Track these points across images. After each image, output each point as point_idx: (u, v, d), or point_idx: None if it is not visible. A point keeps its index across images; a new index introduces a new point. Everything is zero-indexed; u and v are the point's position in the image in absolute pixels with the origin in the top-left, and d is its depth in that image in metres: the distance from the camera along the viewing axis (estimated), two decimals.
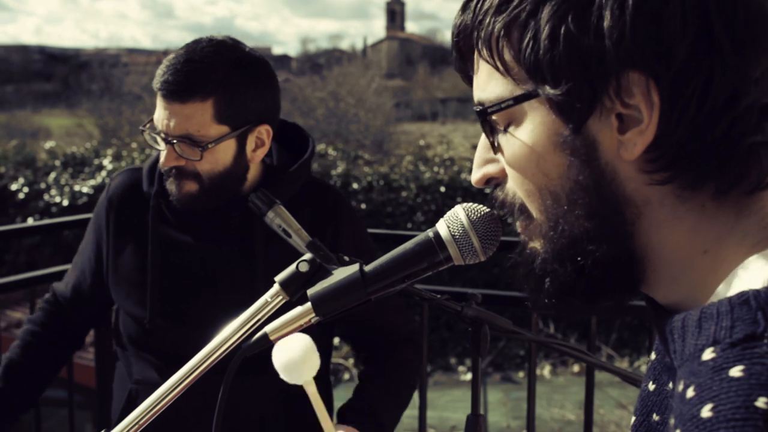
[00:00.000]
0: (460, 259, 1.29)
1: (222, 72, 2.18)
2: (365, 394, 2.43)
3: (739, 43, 0.85)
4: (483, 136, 1.06)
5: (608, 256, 0.94)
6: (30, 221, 13.40)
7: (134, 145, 17.80)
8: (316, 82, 43.15)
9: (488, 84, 1.00)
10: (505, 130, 0.99)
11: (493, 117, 0.99)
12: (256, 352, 1.37)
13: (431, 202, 13.82)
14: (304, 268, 1.37)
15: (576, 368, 11.91)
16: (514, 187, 1.01)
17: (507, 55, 0.96)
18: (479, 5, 0.99)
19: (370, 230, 2.87)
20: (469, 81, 1.09)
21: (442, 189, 14.05)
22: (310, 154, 2.42)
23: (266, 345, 1.36)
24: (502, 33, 0.96)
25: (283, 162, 2.41)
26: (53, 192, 14.35)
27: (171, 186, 2.26)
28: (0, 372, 2.47)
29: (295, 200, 2.31)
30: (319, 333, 2.45)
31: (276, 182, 2.31)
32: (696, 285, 0.93)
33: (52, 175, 14.77)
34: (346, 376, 12.38)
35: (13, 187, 14.65)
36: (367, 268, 1.31)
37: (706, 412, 0.76)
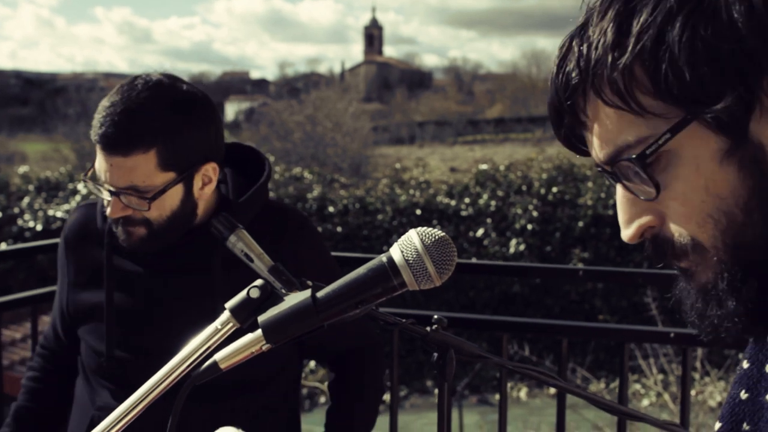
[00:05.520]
0: (415, 284, 1.26)
1: (162, 119, 2.10)
2: (341, 418, 2.45)
3: None
4: (621, 193, 1.00)
5: None
6: (3, 246, 13.27)
7: None
8: (294, 106, 43.20)
9: (621, 132, 0.95)
10: (656, 167, 0.94)
11: (647, 160, 0.93)
12: (205, 380, 1.34)
13: (407, 225, 13.84)
14: (254, 294, 1.34)
15: (552, 390, 11.90)
16: (680, 226, 0.96)
17: (639, 95, 0.91)
18: (584, 55, 0.95)
19: (345, 253, 2.85)
20: (569, 144, 1.05)
21: (418, 212, 14.09)
22: (266, 178, 2.39)
23: (216, 373, 1.33)
24: (627, 74, 0.91)
25: (238, 188, 2.38)
26: (27, 216, 14.26)
27: (119, 232, 2.22)
28: (10, 420, 2.46)
29: (255, 225, 2.28)
30: (287, 355, 2.43)
31: (231, 210, 2.28)
32: None
33: (26, 200, 14.69)
34: (322, 399, 12.32)
35: None
36: (320, 293, 1.29)
37: None
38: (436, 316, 2.12)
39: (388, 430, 3.53)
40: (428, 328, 2.06)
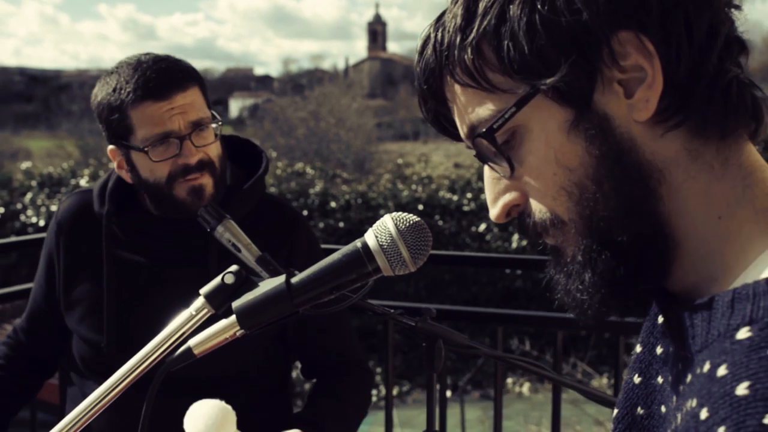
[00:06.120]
0: (389, 269, 1.25)
1: (186, 63, 2.26)
2: (315, 408, 2.35)
3: None
4: (486, 172, 1.03)
5: (642, 231, 0.93)
6: None
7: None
8: (298, 102, 43.23)
9: (476, 108, 0.98)
10: (511, 143, 0.97)
11: (497, 134, 0.96)
12: (179, 366, 1.33)
13: None
14: (229, 280, 1.33)
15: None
16: (538, 201, 0.98)
17: (488, 72, 0.95)
18: (438, 39, 0.99)
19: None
20: (441, 127, 1.08)
21: (420, 207, 14.07)
22: (263, 170, 2.39)
23: (190, 359, 1.32)
24: (475, 53, 0.95)
25: (237, 179, 2.38)
26: (29, 212, 14.28)
27: (185, 194, 2.21)
28: None
29: (251, 217, 2.28)
30: (271, 353, 2.41)
31: (230, 200, 2.28)
32: (713, 256, 0.93)
33: (29, 196, 14.70)
34: None
35: None
36: (294, 279, 1.28)
37: (741, 389, 0.76)
38: (424, 306, 2.13)
39: (384, 424, 3.52)
40: (415, 319, 2.06)
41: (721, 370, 0.80)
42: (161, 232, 2.30)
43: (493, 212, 1.03)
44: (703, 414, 0.79)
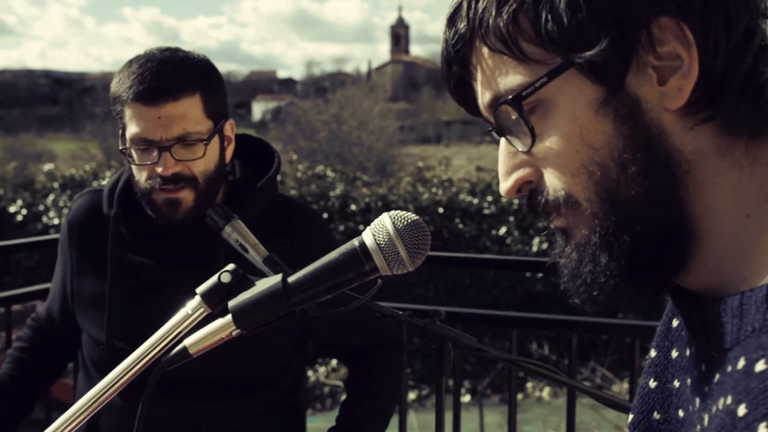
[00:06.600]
0: (387, 269, 1.23)
1: (197, 67, 2.18)
2: (352, 412, 2.44)
3: None
4: (502, 145, 1.01)
5: (664, 220, 0.91)
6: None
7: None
8: (320, 105, 43.25)
9: (504, 77, 0.97)
10: (537, 116, 0.96)
11: (524, 103, 0.95)
12: (175, 365, 1.31)
13: (429, 224, 13.74)
14: (226, 279, 1.32)
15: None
16: (554, 179, 0.96)
17: (522, 42, 0.94)
18: (474, 7, 0.98)
19: None
20: (462, 99, 1.07)
21: (441, 210, 14.03)
22: (275, 170, 2.37)
23: (186, 359, 1.31)
24: (511, 21, 0.94)
25: (247, 179, 2.36)
26: (51, 214, 14.37)
27: (162, 204, 2.18)
28: None
29: (262, 218, 2.26)
30: (288, 356, 2.40)
31: (241, 200, 2.26)
32: (742, 255, 0.91)
33: (51, 197, 14.79)
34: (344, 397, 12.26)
35: (12, 209, 14.66)
36: (291, 278, 1.26)
37: None
38: (434, 309, 2.11)
39: (398, 428, 3.50)
40: (424, 321, 2.05)
41: (760, 365, 0.78)
42: (168, 233, 2.28)
43: (504, 186, 1.01)
44: (741, 410, 0.77)
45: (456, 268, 11.63)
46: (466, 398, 11.92)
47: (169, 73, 2.12)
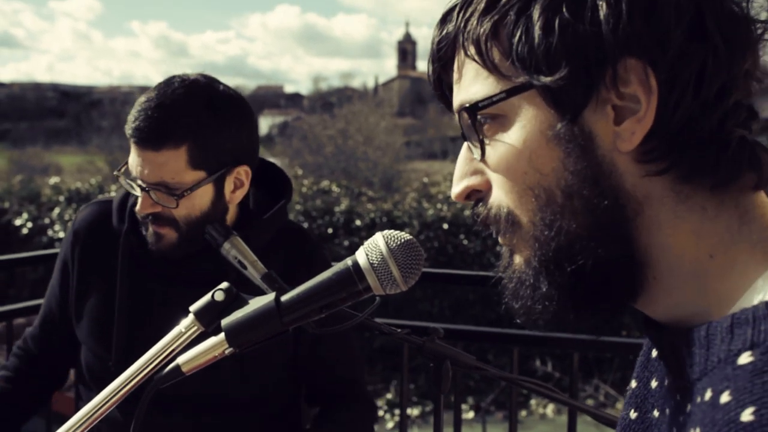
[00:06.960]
0: (380, 288, 1.24)
1: (194, 117, 2.10)
2: None
3: (726, 36, 0.87)
4: (463, 149, 1.03)
5: (610, 255, 0.91)
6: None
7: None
8: (326, 120, 43.25)
9: (474, 84, 0.98)
10: (492, 129, 0.97)
11: (479, 115, 0.96)
12: (167, 384, 1.32)
13: (434, 239, 13.76)
14: (219, 297, 1.32)
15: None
16: (501, 195, 0.97)
17: (496, 54, 0.95)
18: (463, 12, 0.99)
19: None
20: (444, 99, 1.08)
21: (445, 226, 14.00)
22: (288, 197, 2.38)
23: (178, 377, 1.31)
24: (490, 32, 0.95)
25: (259, 206, 2.36)
26: (57, 227, 14.39)
27: (149, 235, 2.20)
28: None
29: (271, 245, 2.27)
30: (278, 377, 2.39)
31: (251, 227, 2.26)
32: (705, 293, 0.91)
33: (56, 211, 14.81)
34: None
35: (17, 222, 14.69)
36: (284, 297, 1.27)
37: (746, 415, 0.74)
38: (432, 326, 2.10)
39: None
40: (422, 339, 2.04)
41: (724, 397, 0.78)
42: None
43: (454, 190, 1.03)
44: None
45: (459, 285, 11.63)
46: (470, 414, 11.88)
47: (156, 120, 2.08)
